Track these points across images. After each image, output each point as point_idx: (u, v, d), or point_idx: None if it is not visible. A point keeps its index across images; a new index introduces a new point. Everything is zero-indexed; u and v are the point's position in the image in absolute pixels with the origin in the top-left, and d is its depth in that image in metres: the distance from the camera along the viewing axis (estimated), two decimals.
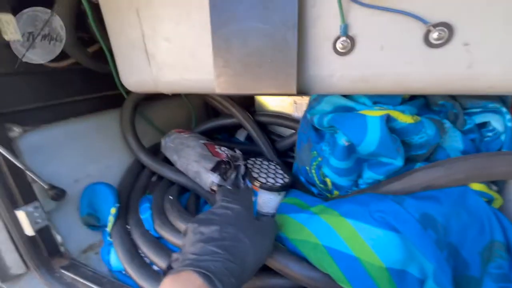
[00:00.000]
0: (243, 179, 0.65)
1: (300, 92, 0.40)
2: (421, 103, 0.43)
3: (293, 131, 0.80)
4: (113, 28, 0.53)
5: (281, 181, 0.60)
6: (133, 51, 0.51)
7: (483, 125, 0.40)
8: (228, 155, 0.67)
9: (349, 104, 0.44)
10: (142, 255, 0.56)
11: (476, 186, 0.36)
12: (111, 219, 0.60)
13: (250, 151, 0.84)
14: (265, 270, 0.42)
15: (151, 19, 0.47)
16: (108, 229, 0.60)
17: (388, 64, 0.34)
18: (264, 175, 0.62)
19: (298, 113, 0.81)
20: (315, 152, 0.54)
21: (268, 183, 0.57)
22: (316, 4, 0.35)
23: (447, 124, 0.41)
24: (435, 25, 0.31)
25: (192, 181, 0.66)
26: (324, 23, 0.36)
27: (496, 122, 0.38)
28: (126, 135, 0.73)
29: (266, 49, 0.38)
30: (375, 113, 0.36)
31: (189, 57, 0.46)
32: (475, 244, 0.33)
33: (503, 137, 0.37)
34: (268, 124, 0.85)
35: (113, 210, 0.60)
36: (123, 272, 0.57)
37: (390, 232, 0.34)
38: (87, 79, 0.68)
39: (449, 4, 0.30)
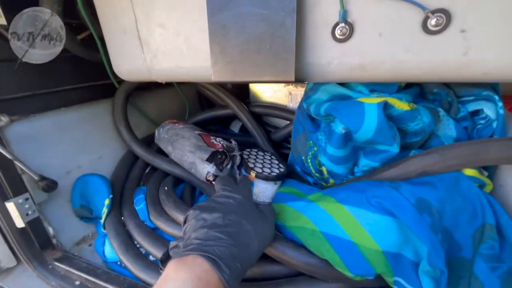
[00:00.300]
0: (239, 169, 0.65)
1: (298, 79, 0.40)
2: (416, 91, 0.43)
3: (288, 122, 0.80)
4: (104, 13, 0.51)
5: (276, 171, 0.60)
6: (125, 38, 0.50)
7: (475, 113, 0.41)
8: (224, 145, 0.66)
9: (345, 93, 0.44)
10: (137, 246, 0.56)
11: (469, 172, 0.37)
12: (105, 210, 0.59)
13: (245, 143, 0.83)
14: (263, 257, 0.42)
15: (144, 4, 0.45)
16: (102, 220, 0.59)
17: (386, 51, 0.34)
18: (260, 165, 0.62)
19: (292, 104, 0.81)
20: (311, 141, 0.54)
21: (264, 173, 0.58)
22: None
23: (441, 112, 0.42)
24: (434, 12, 0.31)
25: (187, 172, 0.66)
26: (323, 9, 0.35)
27: (488, 110, 0.39)
28: (119, 126, 0.71)
29: (264, 35, 0.37)
30: (372, 100, 0.36)
31: (184, 44, 0.45)
32: (467, 227, 0.34)
33: (494, 124, 0.38)
34: (263, 115, 0.85)
35: (107, 201, 0.59)
36: (118, 263, 0.56)
37: (386, 217, 0.35)
38: (77, 68, 0.66)
39: None
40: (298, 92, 0.79)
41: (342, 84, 0.47)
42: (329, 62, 0.37)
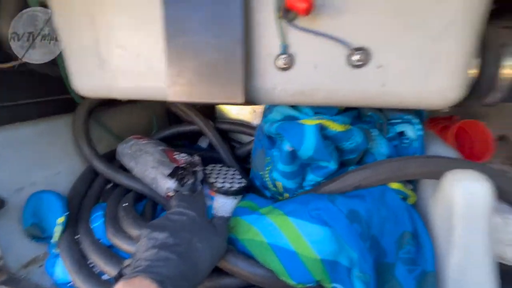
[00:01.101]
0: (202, 184, 0.67)
1: (248, 102, 0.43)
2: (354, 114, 0.49)
3: (252, 138, 0.84)
4: (64, 31, 0.52)
5: (237, 186, 0.62)
6: (85, 56, 0.51)
7: (402, 133, 0.48)
8: (187, 161, 0.68)
9: (294, 114, 0.49)
10: (92, 265, 0.54)
11: (395, 185, 0.42)
12: (58, 229, 0.57)
13: (211, 158, 0.85)
14: (216, 270, 0.44)
15: (106, 26, 0.47)
16: (55, 239, 0.57)
17: (320, 81, 0.39)
18: (222, 180, 0.64)
19: (257, 121, 0.86)
20: (269, 157, 0.57)
21: (224, 188, 0.60)
22: (260, 24, 0.40)
23: (375, 132, 0.48)
24: (356, 49, 0.37)
25: (149, 188, 0.66)
26: (268, 41, 0.40)
27: (410, 131, 0.45)
28: (79, 141, 0.70)
29: (216, 61, 0.41)
30: (311, 122, 0.41)
31: (144, 65, 0.47)
32: (391, 235, 0.39)
33: (415, 144, 0.45)
34: (229, 131, 0.88)
35: (61, 219, 0.58)
36: (69, 284, 0.54)
37: (323, 227, 0.38)
38: (36, 82, 0.65)
39: (367, 32, 0.36)
40: (262, 110, 0.84)
41: (292, 106, 0.51)
42: (274, 88, 0.42)
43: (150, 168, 0.66)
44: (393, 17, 0.34)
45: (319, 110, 0.48)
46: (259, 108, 0.85)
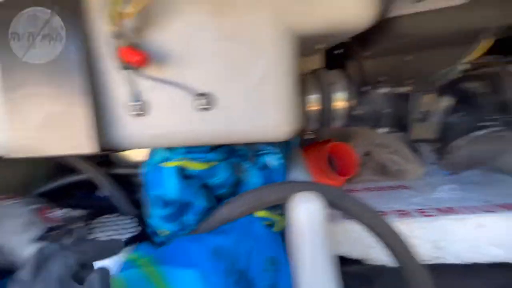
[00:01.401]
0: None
1: (107, 149, 0.42)
2: (227, 150, 0.52)
3: None
4: None
5: (125, 237, 0.57)
6: None
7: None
8: (64, 218, 0.60)
9: (167, 155, 0.49)
10: None
11: (261, 213, 0.45)
12: None
13: (112, 207, 0.78)
14: None
15: None
16: None
17: (174, 124, 0.41)
18: (110, 233, 0.58)
19: None
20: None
21: None
22: (107, 73, 0.40)
23: (247, 164, 0.51)
24: (200, 95, 0.40)
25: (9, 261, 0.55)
26: (118, 89, 0.40)
27: (272, 161, 0.50)
28: None
29: (61, 113, 0.39)
30: (170, 164, 0.42)
31: None
32: (258, 264, 0.41)
33: (279, 172, 0.50)
34: (128, 175, 0.82)
35: None
36: None
37: (189, 270, 0.38)
38: None
39: (207, 79, 0.40)
40: None
41: None
42: (131, 134, 0.42)
43: (12, 234, 0.55)
44: (223, 67, 0.39)
45: (191, 149, 0.49)
46: None
